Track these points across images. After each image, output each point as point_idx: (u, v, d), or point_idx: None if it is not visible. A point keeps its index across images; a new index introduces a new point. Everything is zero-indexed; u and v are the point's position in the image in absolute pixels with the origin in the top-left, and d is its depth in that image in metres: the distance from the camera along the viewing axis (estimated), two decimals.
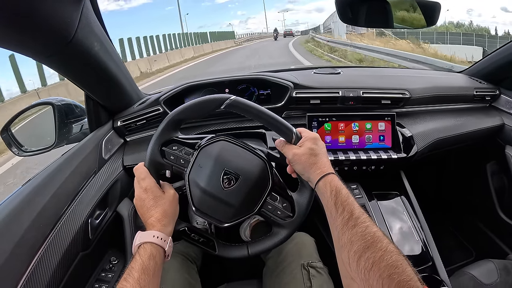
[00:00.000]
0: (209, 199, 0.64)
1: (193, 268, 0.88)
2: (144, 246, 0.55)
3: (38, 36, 0.57)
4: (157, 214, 0.60)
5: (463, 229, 1.41)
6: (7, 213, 0.63)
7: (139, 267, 0.51)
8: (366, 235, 0.46)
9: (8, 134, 0.98)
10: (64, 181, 0.77)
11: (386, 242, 0.45)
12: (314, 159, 0.60)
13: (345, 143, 0.98)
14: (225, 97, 0.65)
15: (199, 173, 0.65)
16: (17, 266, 0.58)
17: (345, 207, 0.51)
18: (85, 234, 0.77)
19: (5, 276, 0.56)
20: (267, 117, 0.65)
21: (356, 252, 0.45)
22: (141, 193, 0.62)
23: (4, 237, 0.59)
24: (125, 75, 0.91)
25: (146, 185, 0.62)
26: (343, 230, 0.49)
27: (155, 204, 0.61)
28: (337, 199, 0.53)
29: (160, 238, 0.57)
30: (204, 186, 0.64)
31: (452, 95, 1.15)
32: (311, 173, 0.60)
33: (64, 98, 1.00)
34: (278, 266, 0.79)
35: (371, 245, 0.45)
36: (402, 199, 1.00)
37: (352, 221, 0.49)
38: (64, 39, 0.61)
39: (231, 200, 0.64)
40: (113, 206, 0.90)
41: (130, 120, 0.98)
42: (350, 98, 1.01)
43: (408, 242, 0.90)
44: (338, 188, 0.55)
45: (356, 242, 0.46)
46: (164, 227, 0.59)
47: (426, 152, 1.03)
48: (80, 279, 0.79)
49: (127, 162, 0.95)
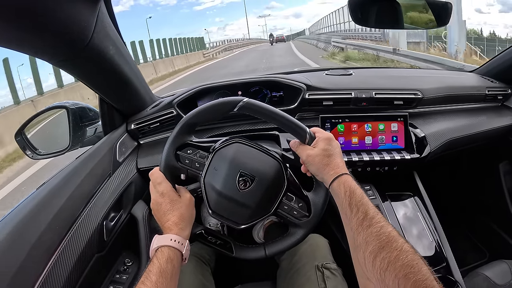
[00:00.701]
0: (225, 201, 0.64)
1: (207, 269, 0.88)
2: (162, 250, 0.55)
3: (56, 41, 0.58)
4: (174, 217, 0.60)
5: (477, 230, 1.39)
6: (24, 215, 0.64)
7: (157, 270, 0.51)
8: (381, 235, 0.46)
9: (22, 137, 0.99)
10: (80, 184, 0.78)
11: (401, 241, 0.45)
12: (328, 160, 0.60)
13: (358, 144, 0.98)
14: (238, 100, 0.65)
15: (215, 176, 0.65)
16: (34, 268, 0.59)
17: (360, 207, 0.51)
18: (100, 236, 0.78)
19: (22, 277, 0.56)
20: (281, 118, 0.66)
21: (372, 252, 0.45)
22: (157, 198, 0.62)
23: (21, 239, 0.60)
24: (139, 78, 0.91)
25: (162, 189, 0.62)
26: (358, 231, 0.49)
27: (172, 208, 0.61)
28: (351, 199, 0.53)
29: (177, 242, 0.57)
30: (220, 189, 0.64)
31: (464, 95, 1.14)
32: (324, 174, 0.60)
33: (78, 102, 1.01)
34: (292, 267, 0.79)
35: (386, 245, 0.45)
36: (415, 200, 1.00)
37: (367, 221, 0.49)
38: (81, 43, 0.62)
39: (247, 202, 0.64)
40: (128, 208, 0.91)
41: (144, 123, 0.99)
42: (362, 99, 1.01)
43: (422, 243, 0.90)
44: (352, 189, 0.55)
45: (371, 242, 0.46)
46: (181, 230, 0.59)
47: (439, 152, 1.02)
48: (95, 281, 0.80)
49: (141, 164, 0.96)
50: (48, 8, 0.50)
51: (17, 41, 0.54)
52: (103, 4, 0.66)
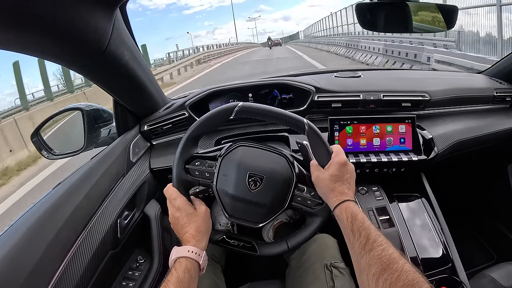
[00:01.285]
0: (239, 204, 0.66)
1: (218, 268, 0.90)
2: (180, 261, 0.58)
3: (75, 48, 0.61)
4: (191, 230, 0.63)
5: (484, 232, 1.39)
6: (42, 213, 0.67)
7: (175, 280, 0.54)
8: (383, 258, 0.48)
9: (38, 138, 1.03)
10: (95, 183, 0.80)
11: (402, 262, 0.47)
12: (334, 185, 0.62)
13: (366, 145, 0.99)
14: (233, 105, 0.67)
15: (225, 182, 0.68)
16: (51, 264, 0.61)
17: (362, 232, 0.54)
18: (114, 233, 0.80)
19: (39, 273, 0.59)
20: (277, 115, 0.68)
21: (374, 274, 0.48)
22: (174, 212, 0.65)
23: (39, 236, 0.62)
24: (152, 81, 0.94)
25: (178, 204, 0.65)
26: (361, 254, 0.51)
27: (189, 221, 0.64)
28: (353, 224, 0.55)
29: (195, 253, 0.60)
30: (233, 193, 0.66)
31: (472, 97, 1.14)
32: (329, 199, 0.63)
33: (92, 104, 1.04)
34: (301, 266, 0.80)
35: (387, 267, 0.47)
36: (422, 201, 1.00)
37: (369, 245, 0.51)
38: (98, 50, 0.64)
39: (260, 200, 0.66)
40: (141, 207, 0.93)
41: (157, 125, 1.01)
42: (371, 101, 1.02)
43: (429, 244, 0.91)
44: (354, 214, 0.57)
45: (374, 265, 0.48)
46: (198, 242, 0.62)
47: (446, 154, 1.03)
48: (109, 277, 0.82)
49: (154, 165, 0.98)
50: (68, 17, 0.52)
51: (38, 49, 0.57)
52: (119, 11, 0.68)
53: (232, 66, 16.03)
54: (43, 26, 0.50)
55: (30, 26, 0.48)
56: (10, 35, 0.48)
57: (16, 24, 0.46)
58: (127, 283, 0.86)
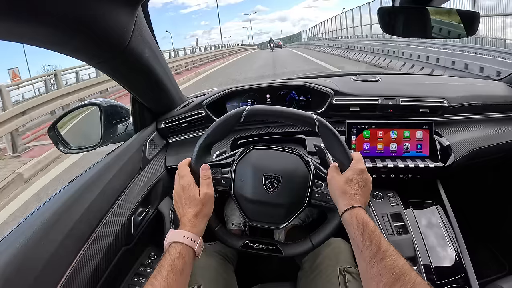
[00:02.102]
0: (258, 207, 0.66)
1: (230, 268, 0.90)
2: (174, 246, 0.57)
3: (97, 45, 0.61)
4: (189, 214, 0.62)
5: (498, 242, 1.37)
6: (58, 206, 0.67)
7: (168, 266, 0.54)
8: (395, 268, 0.48)
9: (55, 132, 1.04)
10: (111, 179, 0.81)
11: (414, 274, 0.47)
12: (346, 188, 0.62)
13: (383, 150, 0.98)
14: (241, 110, 0.67)
15: (243, 186, 0.68)
16: (66, 256, 0.62)
17: (373, 240, 0.53)
18: (128, 229, 0.81)
19: (54, 265, 0.59)
20: (286, 114, 0.67)
21: (386, 284, 0.47)
22: (178, 189, 0.65)
23: (55, 229, 0.63)
24: (171, 79, 0.94)
25: (184, 183, 0.65)
26: (372, 263, 0.51)
27: (189, 204, 0.63)
28: (364, 232, 0.55)
29: (189, 239, 0.59)
30: (251, 197, 0.67)
31: (491, 104, 1.12)
32: (339, 202, 0.62)
33: (109, 100, 1.05)
34: (315, 269, 0.80)
35: (399, 278, 0.47)
36: (437, 209, 0.99)
37: (380, 254, 0.51)
38: (120, 47, 0.65)
39: (279, 201, 0.66)
40: (155, 205, 0.94)
41: (173, 122, 1.02)
42: (389, 106, 1.01)
43: (442, 252, 0.89)
44: (365, 221, 0.56)
45: (385, 275, 0.48)
46: (194, 227, 0.61)
47: (463, 162, 1.01)
48: (121, 272, 0.83)
49: (169, 162, 0.99)
50: (91, 13, 0.52)
51: (61, 44, 0.58)
52: (140, 9, 0.69)
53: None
54: (66, 22, 0.50)
55: (54, 22, 0.49)
56: (35, 30, 0.49)
57: (42, 19, 0.47)
58: (138, 279, 0.87)
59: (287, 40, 62.71)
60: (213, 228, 0.73)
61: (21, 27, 0.47)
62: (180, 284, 0.54)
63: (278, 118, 0.68)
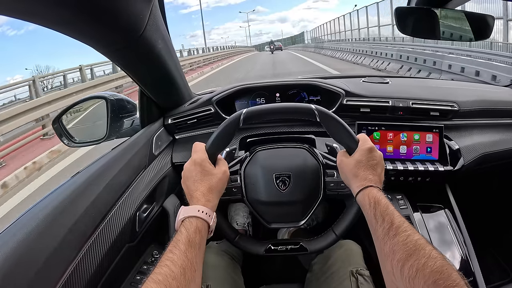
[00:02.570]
0: (275, 208, 0.66)
1: (238, 268, 0.89)
2: (190, 220, 0.55)
3: (113, 30, 0.60)
4: (202, 188, 0.60)
5: (502, 248, 1.36)
6: (62, 200, 0.65)
7: (185, 240, 0.51)
8: (408, 244, 0.46)
9: (59, 125, 1.02)
10: (117, 174, 0.79)
11: (429, 248, 0.45)
12: (357, 171, 0.60)
13: (393, 152, 0.97)
14: (238, 114, 0.65)
15: (255, 190, 0.67)
16: (68, 251, 0.60)
17: (385, 217, 0.52)
18: (132, 226, 0.79)
19: (56, 259, 0.57)
20: (283, 109, 0.66)
21: (399, 260, 0.45)
22: (190, 165, 0.63)
23: (58, 223, 0.61)
24: (181, 74, 0.93)
25: (196, 157, 0.62)
26: (385, 240, 0.49)
27: (202, 178, 0.61)
28: (376, 210, 0.54)
29: (205, 213, 0.56)
30: (265, 199, 0.66)
31: (501, 110, 1.12)
32: (352, 185, 0.61)
33: (117, 94, 1.03)
34: (326, 272, 0.78)
35: (413, 252, 0.45)
36: (446, 213, 0.98)
37: (393, 230, 0.49)
38: (134, 34, 0.64)
39: (294, 198, 0.65)
40: (160, 202, 0.92)
41: (181, 119, 1.00)
42: (399, 108, 1.00)
43: (451, 256, 0.89)
44: (377, 199, 0.55)
45: (399, 251, 0.46)
46: (208, 202, 0.59)
47: (472, 166, 1.00)
48: (124, 269, 0.81)
49: (176, 159, 0.97)
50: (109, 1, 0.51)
51: (78, 31, 0.57)
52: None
53: None
54: (84, 9, 0.49)
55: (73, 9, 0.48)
56: (58, 12, 0.48)
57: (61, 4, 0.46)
58: (141, 278, 0.85)
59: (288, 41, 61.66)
60: (232, 239, 0.71)
61: (43, 9, 0.46)
62: (198, 258, 0.52)
63: (276, 115, 0.67)
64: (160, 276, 0.44)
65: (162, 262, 0.47)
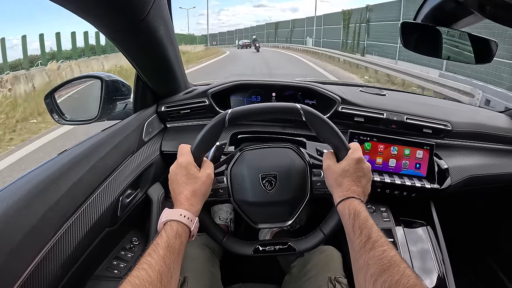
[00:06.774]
0: (262, 209, 0.65)
1: (217, 262, 0.89)
2: (171, 224, 0.55)
3: (116, 11, 0.59)
4: (186, 191, 0.59)
5: (479, 271, 1.38)
6: (44, 177, 0.64)
7: (165, 244, 0.51)
8: (383, 259, 0.46)
9: (51, 100, 1.00)
10: (104, 156, 0.78)
11: (404, 266, 0.45)
12: (342, 180, 0.60)
13: (382, 165, 0.97)
14: (224, 115, 0.65)
15: (241, 191, 0.67)
16: (47, 230, 0.60)
17: (363, 230, 0.52)
18: (114, 210, 0.78)
19: (34, 237, 0.57)
20: (270, 109, 0.66)
21: (373, 275, 0.45)
22: (176, 168, 0.62)
23: (39, 200, 0.60)
24: (179, 63, 0.92)
25: (182, 160, 0.62)
26: (360, 253, 0.49)
27: (187, 182, 0.60)
28: (355, 221, 0.54)
29: (187, 218, 0.56)
30: (252, 200, 0.65)
31: (493, 135, 1.13)
32: (334, 193, 0.61)
33: (112, 75, 1.02)
34: (304, 275, 0.78)
35: (388, 268, 0.45)
36: (428, 229, 0.99)
37: (370, 244, 0.49)
38: (138, 16, 0.63)
39: (281, 198, 0.65)
40: (144, 189, 0.92)
41: (175, 107, 0.99)
42: (393, 122, 1.00)
43: (427, 273, 0.89)
44: (357, 211, 0.55)
45: (373, 265, 0.46)
46: (191, 206, 0.58)
47: (459, 186, 1.01)
48: (101, 253, 0.81)
49: (165, 147, 0.96)
50: None
51: (81, 7, 0.56)
52: None
53: None
54: None
55: None
56: None
57: None
58: (118, 263, 0.84)
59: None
60: (220, 240, 0.70)
61: None
62: (176, 264, 0.52)
63: (262, 115, 0.67)
64: (137, 280, 0.44)
65: (140, 265, 0.47)
